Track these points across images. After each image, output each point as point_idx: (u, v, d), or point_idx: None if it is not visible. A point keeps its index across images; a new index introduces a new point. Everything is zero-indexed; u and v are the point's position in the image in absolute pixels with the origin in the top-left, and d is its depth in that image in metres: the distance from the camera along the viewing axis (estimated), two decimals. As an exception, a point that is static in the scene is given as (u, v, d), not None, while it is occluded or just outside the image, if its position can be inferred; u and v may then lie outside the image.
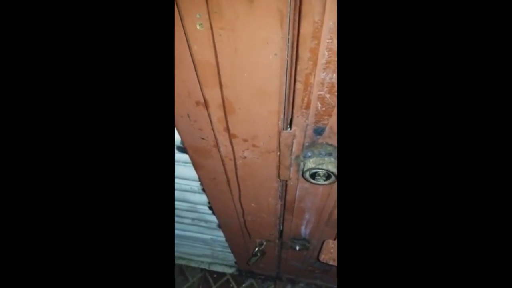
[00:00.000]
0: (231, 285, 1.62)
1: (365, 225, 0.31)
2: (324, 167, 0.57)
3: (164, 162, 0.32)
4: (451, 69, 0.26)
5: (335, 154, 0.59)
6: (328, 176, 0.59)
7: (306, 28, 0.37)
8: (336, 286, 1.56)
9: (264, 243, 1.14)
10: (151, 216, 0.31)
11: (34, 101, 0.25)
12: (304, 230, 0.97)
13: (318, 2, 0.34)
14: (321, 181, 0.61)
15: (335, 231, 0.86)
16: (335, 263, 0.82)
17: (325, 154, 0.59)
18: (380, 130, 0.29)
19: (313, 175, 0.60)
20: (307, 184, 0.70)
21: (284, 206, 0.85)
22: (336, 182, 0.61)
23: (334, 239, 0.78)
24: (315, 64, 0.41)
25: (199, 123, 0.58)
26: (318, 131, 0.55)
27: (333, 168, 0.58)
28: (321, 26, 0.37)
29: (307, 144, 0.58)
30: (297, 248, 1.09)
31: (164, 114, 0.31)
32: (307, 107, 0.49)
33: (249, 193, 0.82)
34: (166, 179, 0.32)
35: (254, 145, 0.61)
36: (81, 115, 0.27)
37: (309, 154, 0.60)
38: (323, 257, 0.81)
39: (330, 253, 0.79)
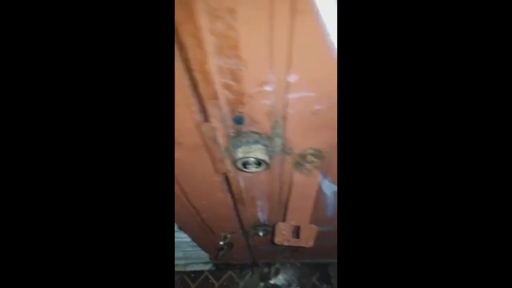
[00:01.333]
0: (210, 281, 1.62)
1: (364, 224, 0.30)
2: (252, 155, 0.56)
3: (164, 162, 0.31)
4: (450, 69, 0.26)
5: (262, 141, 0.58)
6: (258, 163, 0.58)
7: (179, 14, 0.34)
8: (307, 259, 1.63)
9: (229, 236, 1.14)
10: (151, 217, 0.31)
11: (34, 101, 0.26)
12: (262, 217, 0.98)
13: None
14: (253, 169, 0.60)
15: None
16: (290, 243, 0.84)
17: (253, 142, 0.58)
18: (378, 131, 0.28)
19: (244, 164, 0.59)
20: (247, 174, 0.69)
21: (233, 198, 0.84)
22: (268, 168, 0.60)
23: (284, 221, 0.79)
24: (202, 50, 0.39)
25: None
26: (238, 120, 0.53)
27: (261, 154, 0.57)
28: (194, 11, 0.34)
29: (232, 134, 0.57)
30: (261, 234, 1.10)
31: (164, 114, 0.31)
32: (215, 96, 0.46)
33: (195, 192, 0.79)
34: (166, 178, 0.32)
35: (179, 143, 0.58)
36: (81, 115, 0.27)
37: (238, 144, 0.59)
38: (277, 240, 0.82)
39: (282, 234, 0.80)
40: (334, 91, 0.46)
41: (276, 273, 1.66)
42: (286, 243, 0.83)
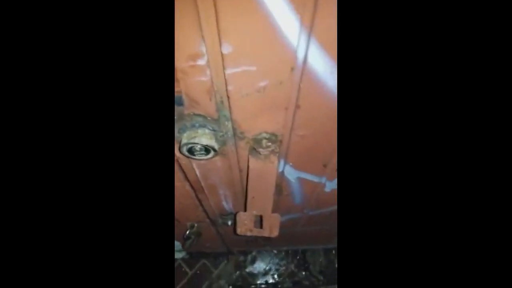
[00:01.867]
0: (183, 269, 1.59)
1: (364, 224, 0.29)
2: (196, 140, 0.51)
3: (163, 161, 0.31)
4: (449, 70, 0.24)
5: (209, 124, 0.53)
6: (206, 150, 0.53)
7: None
8: (284, 247, 1.62)
9: (196, 225, 1.10)
10: (151, 216, 0.31)
11: (34, 101, 0.26)
12: (227, 206, 0.94)
13: None
14: (203, 156, 0.55)
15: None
16: (253, 233, 0.81)
17: (198, 126, 0.53)
18: (378, 129, 0.26)
19: (190, 151, 0.54)
20: (201, 161, 0.64)
21: (192, 187, 0.79)
22: (217, 155, 0.55)
23: (244, 211, 0.75)
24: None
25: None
26: (177, 101, 0.47)
27: (207, 140, 0.52)
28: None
29: (175, 117, 0.51)
30: (229, 223, 1.06)
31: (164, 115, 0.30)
32: (144, 73, 0.40)
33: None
34: (166, 178, 0.31)
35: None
36: (80, 115, 0.27)
37: (183, 129, 0.53)
38: (239, 231, 0.79)
39: (244, 225, 0.77)
40: (279, 63, 0.41)
41: (253, 261, 1.65)
42: (249, 233, 0.80)
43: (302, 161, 0.69)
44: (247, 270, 1.62)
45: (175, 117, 0.51)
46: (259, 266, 1.64)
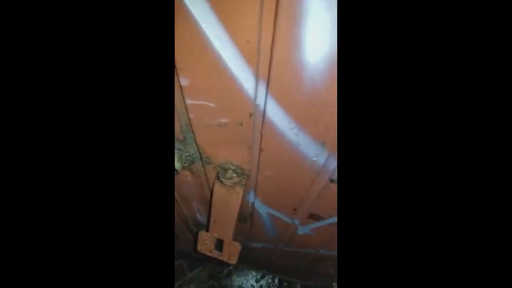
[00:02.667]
0: (160, 264, 1.62)
1: (364, 224, 0.28)
2: (157, 155, 0.52)
3: (163, 160, 0.30)
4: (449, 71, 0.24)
5: (176, 144, 0.53)
6: (167, 166, 0.54)
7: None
8: (260, 269, 1.59)
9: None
10: (151, 216, 0.30)
11: (34, 101, 0.26)
12: (201, 218, 0.94)
13: None
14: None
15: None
16: (212, 255, 0.80)
17: (164, 141, 0.53)
18: (378, 130, 0.26)
19: (153, 164, 0.55)
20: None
21: (165, 192, 0.80)
22: (177, 174, 0.56)
23: (207, 231, 0.75)
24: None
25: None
26: (144, 115, 0.48)
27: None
28: None
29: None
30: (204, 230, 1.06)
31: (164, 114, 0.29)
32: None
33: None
34: (166, 177, 0.30)
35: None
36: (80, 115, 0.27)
37: (152, 140, 0.54)
38: (199, 248, 0.78)
39: (205, 244, 0.76)
40: (237, 107, 0.40)
41: (228, 275, 1.63)
42: (208, 254, 0.79)
43: (271, 199, 0.67)
44: (221, 282, 1.60)
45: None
46: (234, 281, 1.62)
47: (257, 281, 1.63)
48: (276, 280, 1.60)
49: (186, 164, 0.58)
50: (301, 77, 0.33)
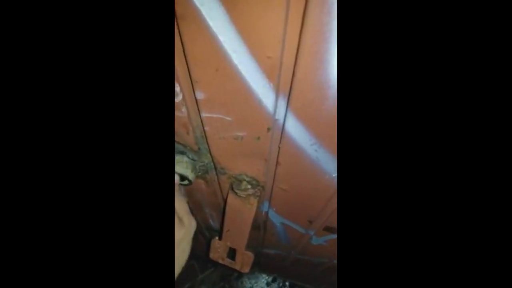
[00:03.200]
0: (171, 264, 1.63)
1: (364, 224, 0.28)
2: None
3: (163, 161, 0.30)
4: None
5: (189, 154, 0.52)
6: (182, 177, 0.53)
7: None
8: (272, 273, 1.58)
9: (184, 230, 1.11)
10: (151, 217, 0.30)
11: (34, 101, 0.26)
12: (213, 224, 0.93)
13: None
14: (178, 182, 0.55)
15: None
16: (224, 263, 0.79)
17: (177, 152, 0.52)
18: (378, 132, 0.25)
19: (166, 173, 0.54)
20: (184, 180, 0.65)
21: (178, 198, 0.80)
22: (190, 184, 0.55)
23: (219, 239, 0.74)
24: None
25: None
26: (158, 125, 0.48)
27: (181, 169, 0.51)
28: None
29: (157, 137, 0.52)
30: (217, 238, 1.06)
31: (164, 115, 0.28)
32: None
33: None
34: (166, 178, 0.30)
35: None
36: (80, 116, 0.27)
37: (165, 149, 0.54)
38: (211, 255, 0.78)
39: (217, 252, 0.76)
40: (255, 121, 0.38)
41: (239, 277, 1.63)
42: (220, 261, 0.78)
43: (285, 211, 0.65)
44: (232, 284, 1.60)
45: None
46: (245, 284, 1.62)
47: (268, 284, 1.62)
48: (287, 284, 1.59)
49: (200, 173, 0.57)
50: (325, 95, 0.30)
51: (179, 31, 0.29)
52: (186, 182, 0.54)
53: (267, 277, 1.63)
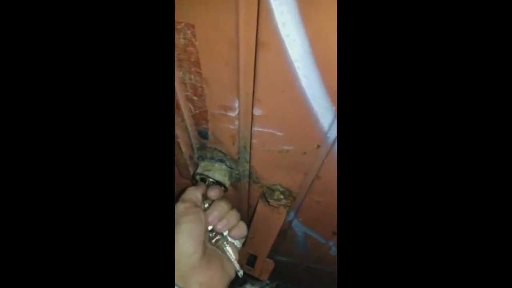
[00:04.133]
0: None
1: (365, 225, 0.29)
2: (210, 174, 0.53)
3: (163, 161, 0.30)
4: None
5: (228, 162, 0.54)
6: (218, 183, 0.55)
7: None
8: (275, 280, 1.59)
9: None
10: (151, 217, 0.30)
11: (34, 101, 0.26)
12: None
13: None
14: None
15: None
16: (243, 269, 0.81)
17: (217, 160, 0.55)
18: (378, 133, 0.27)
19: (203, 181, 0.56)
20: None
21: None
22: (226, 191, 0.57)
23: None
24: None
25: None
26: (203, 135, 0.50)
27: (220, 176, 0.54)
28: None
29: (197, 146, 0.54)
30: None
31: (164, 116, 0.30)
32: (178, 107, 0.44)
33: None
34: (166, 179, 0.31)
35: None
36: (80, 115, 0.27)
37: (203, 157, 0.56)
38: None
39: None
40: (307, 138, 0.41)
41: (243, 283, 1.64)
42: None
43: (311, 221, 0.68)
44: (234, 289, 1.62)
45: (197, 146, 0.54)
46: (248, 290, 1.63)
47: (271, 291, 1.64)
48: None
49: (233, 181, 0.60)
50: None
51: (255, 55, 0.32)
52: (222, 188, 0.56)
53: (270, 283, 1.64)
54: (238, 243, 0.56)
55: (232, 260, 0.52)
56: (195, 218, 0.46)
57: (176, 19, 0.31)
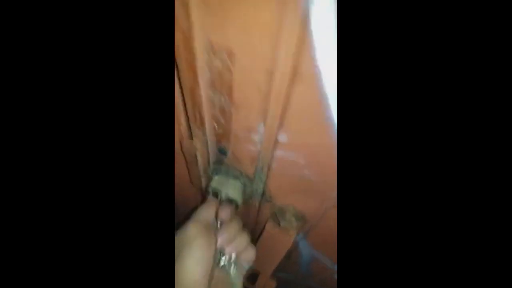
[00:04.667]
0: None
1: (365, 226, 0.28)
2: (224, 189, 0.53)
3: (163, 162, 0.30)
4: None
5: (243, 179, 0.54)
6: (229, 201, 0.55)
7: (177, 36, 0.32)
8: None
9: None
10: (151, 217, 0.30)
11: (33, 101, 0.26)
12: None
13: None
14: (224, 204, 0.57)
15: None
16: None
17: (232, 176, 0.55)
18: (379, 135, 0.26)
19: (215, 195, 0.56)
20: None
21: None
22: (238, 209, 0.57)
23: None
24: (195, 79, 0.36)
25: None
26: (222, 151, 0.50)
27: (234, 193, 0.54)
28: (192, 38, 0.31)
29: (213, 160, 0.54)
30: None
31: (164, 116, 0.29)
32: (202, 124, 0.44)
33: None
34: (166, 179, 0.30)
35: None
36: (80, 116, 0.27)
37: (217, 170, 0.56)
38: (232, 276, 0.79)
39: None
40: (329, 170, 0.41)
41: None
42: (240, 282, 0.80)
43: (322, 245, 0.67)
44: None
45: (214, 160, 0.54)
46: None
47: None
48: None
49: (245, 197, 0.59)
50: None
51: (289, 85, 0.32)
52: (233, 205, 0.56)
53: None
54: (245, 265, 0.55)
55: (237, 284, 0.52)
56: (206, 243, 0.46)
57: (215, 40, 0.31)
